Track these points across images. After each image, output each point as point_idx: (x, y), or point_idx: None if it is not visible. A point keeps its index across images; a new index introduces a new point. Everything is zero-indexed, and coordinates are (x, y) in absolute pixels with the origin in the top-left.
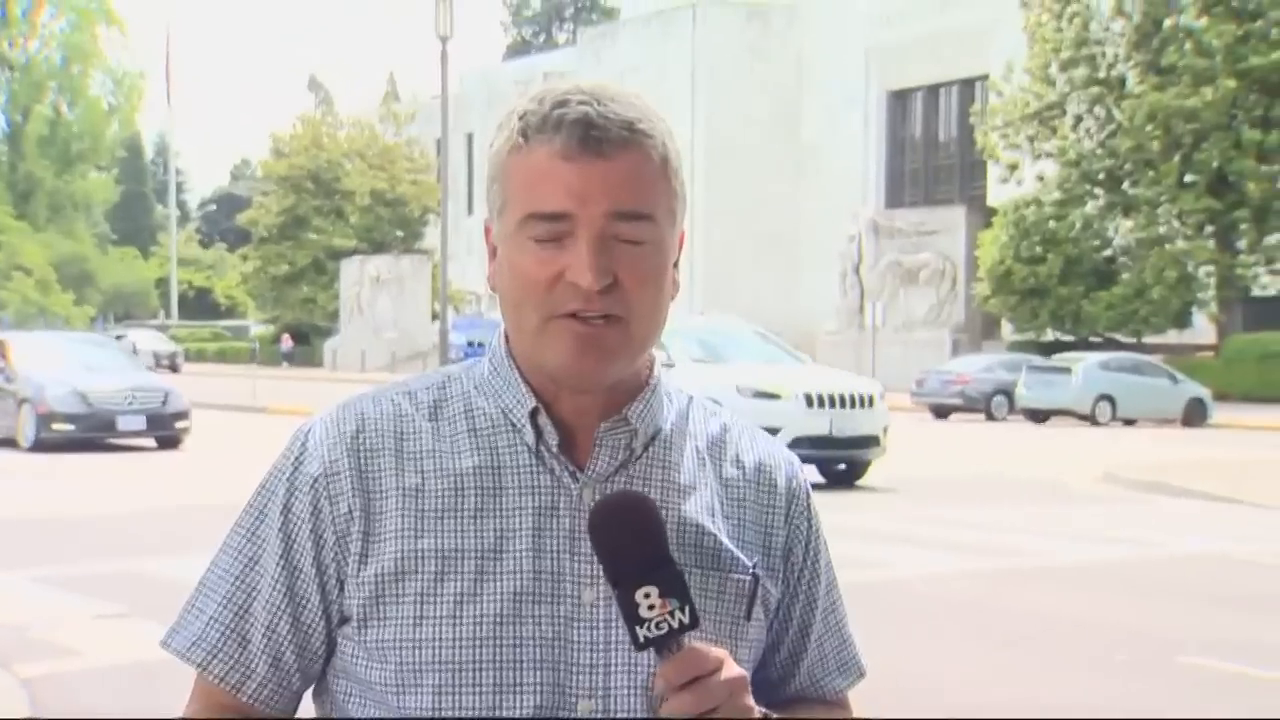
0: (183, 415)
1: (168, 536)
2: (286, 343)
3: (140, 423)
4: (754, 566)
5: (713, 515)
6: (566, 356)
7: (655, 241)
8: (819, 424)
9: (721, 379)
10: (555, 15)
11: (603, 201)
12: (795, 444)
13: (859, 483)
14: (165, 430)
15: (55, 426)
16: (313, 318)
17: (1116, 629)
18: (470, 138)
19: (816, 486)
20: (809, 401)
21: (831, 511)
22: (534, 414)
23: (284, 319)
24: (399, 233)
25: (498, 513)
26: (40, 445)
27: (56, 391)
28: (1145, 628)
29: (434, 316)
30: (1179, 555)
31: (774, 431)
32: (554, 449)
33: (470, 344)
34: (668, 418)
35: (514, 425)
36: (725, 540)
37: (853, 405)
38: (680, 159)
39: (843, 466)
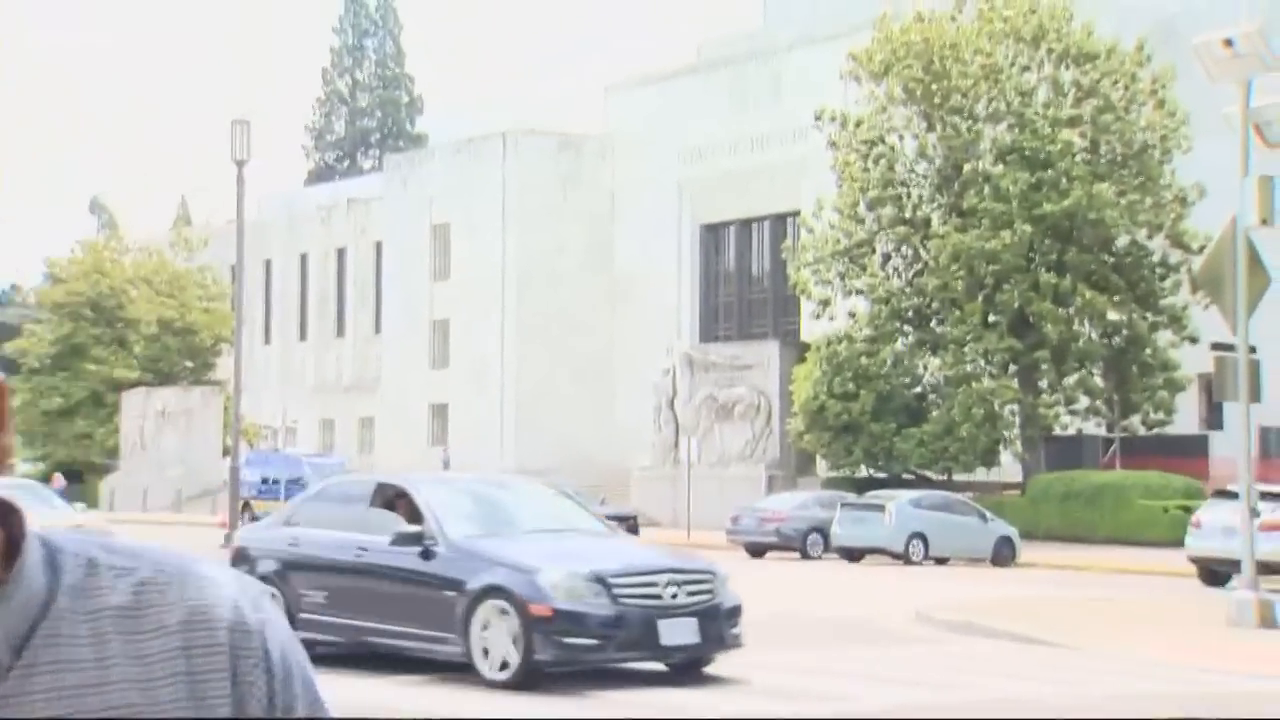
0: None
1: None
2: (58, 482)
3: (691, 631)
4: None
5: (131, 709)
6: None
7: None
8: None
9: None
10: (360, 141)
11: None
12: None
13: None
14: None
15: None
16: (89, 455)
17: None
18: (268, 264)
19: None
20: None
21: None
22: None
23: (55, 456)
24: (188, 363)
25: None
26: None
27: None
28: None
29: (225, 452)
30: (986, 699)
31: None
32: None
33: (265, 481)
34: (52, 603)
35: None
36: None
37: None
38: None
39: None
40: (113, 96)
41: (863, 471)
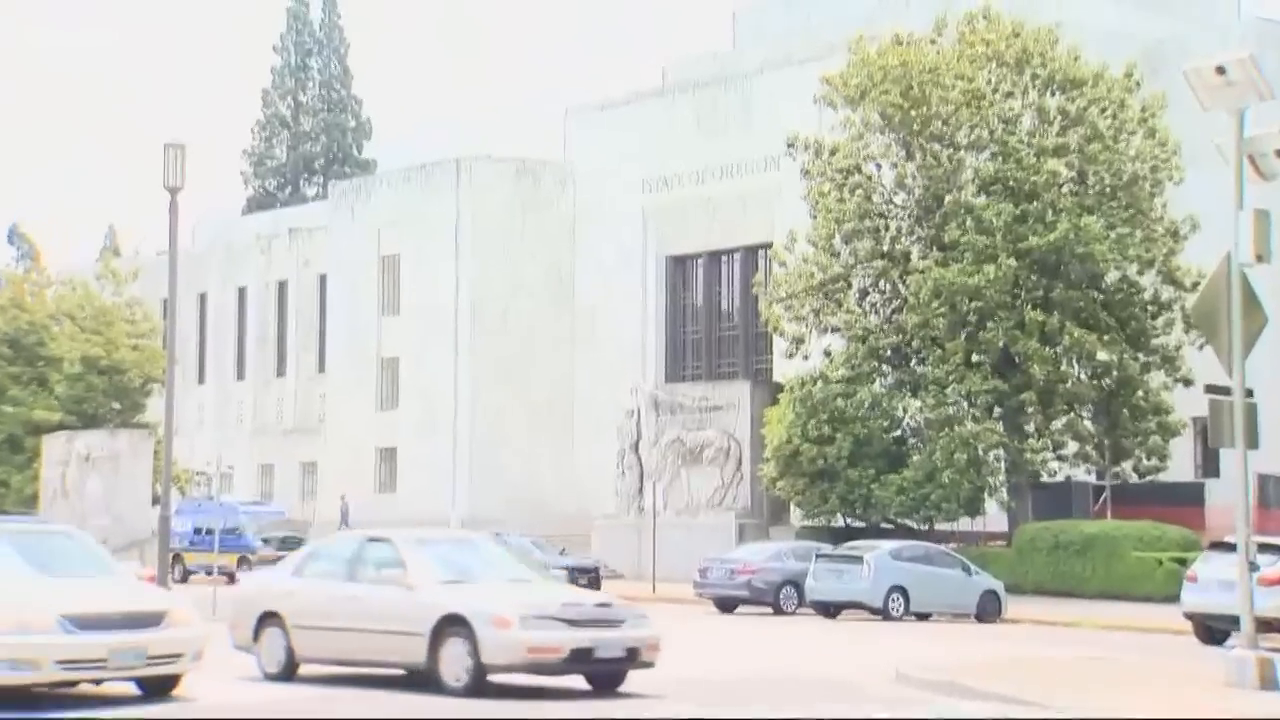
0: None
1: None
2: None
3: None
4: None
5: None
6: None
7: None
8: None
9: None
10: (303, 167)
11: None
12: None
13: (626, 688)
14: None
15: None
16: (3, 504)
17: None
18: (203, 298)
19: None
20: None
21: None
22: None
23: None
24: (115, 404)
25: None
26: None
27: None
28: None
29: (155, 500)
30: None
31: None
32: None
33: (198, 531)
34: None
35: None
36: None
37: None
38: None
39: None
40: (33, 117)
41: (839, 520)
